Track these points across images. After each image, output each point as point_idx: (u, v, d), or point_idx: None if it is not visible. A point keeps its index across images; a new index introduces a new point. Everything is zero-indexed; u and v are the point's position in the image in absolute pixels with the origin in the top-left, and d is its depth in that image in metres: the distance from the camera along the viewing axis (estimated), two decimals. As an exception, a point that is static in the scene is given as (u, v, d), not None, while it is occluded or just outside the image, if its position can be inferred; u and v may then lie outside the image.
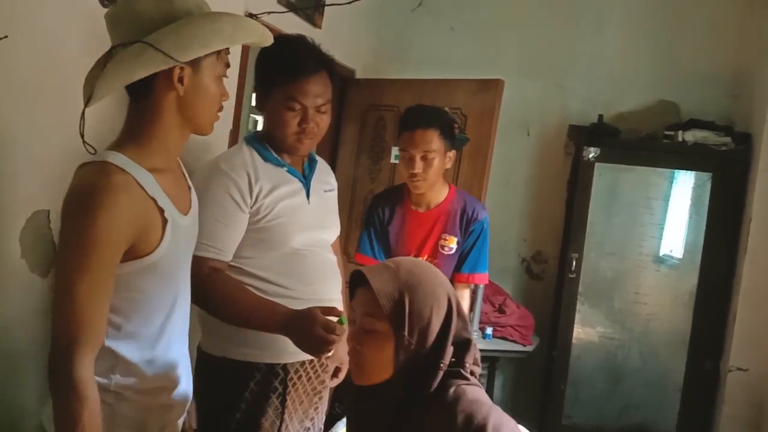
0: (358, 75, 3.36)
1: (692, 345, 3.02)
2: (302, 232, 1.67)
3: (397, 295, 1.12)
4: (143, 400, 1.24)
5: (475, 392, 1.14)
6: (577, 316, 3.19)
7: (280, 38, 1.56)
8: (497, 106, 2.87)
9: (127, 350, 1.21)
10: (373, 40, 3.51)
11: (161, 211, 1.20)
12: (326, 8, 2.94)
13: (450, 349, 1.15)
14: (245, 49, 2.47)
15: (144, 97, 1.20)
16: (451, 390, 1.12)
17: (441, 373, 1.13)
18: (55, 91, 1.76)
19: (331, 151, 3.32)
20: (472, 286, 2.36)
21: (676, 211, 3.15)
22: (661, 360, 3.12)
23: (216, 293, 1.53)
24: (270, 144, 1.67)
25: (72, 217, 1.10)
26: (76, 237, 1.09)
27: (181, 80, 1.17)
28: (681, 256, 3.13)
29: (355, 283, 1.21)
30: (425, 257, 2.19)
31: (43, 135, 1.76)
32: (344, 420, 2.00)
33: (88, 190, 1.10)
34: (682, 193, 3.15)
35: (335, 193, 1.95)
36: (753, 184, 2.84)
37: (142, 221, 1.15)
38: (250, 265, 1.61)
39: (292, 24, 2.73)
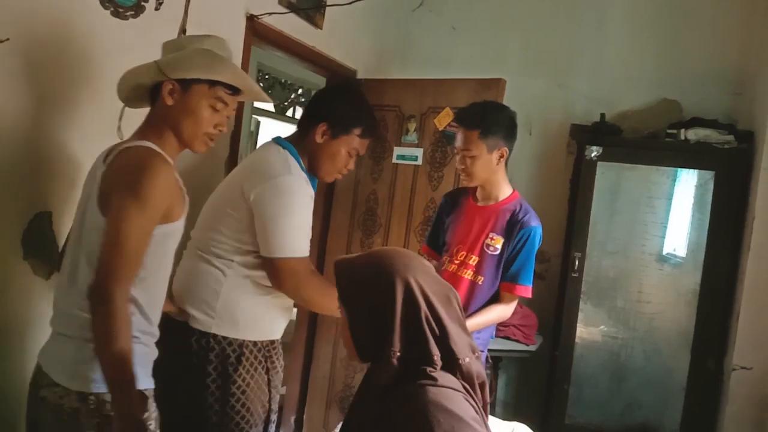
0: (360, 75, 3.36)
1: (696, 344, 3.01)
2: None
3: (344, 284, 1.24)
4: (147, 340, 1.47)
5: (438, 394, 1.13)
6: (580, 316, 3.19)
7: (364, 98, 1.98)
8: (499, 105, 2.87)
9: (143, 297, 1.42)
10: (375, 40, 3.51)
11: (182, 190, 1.50)
12: (327, 8, 2.94)
13: (398, 343, 1.16)
14: (246, 52, 2.47)
15: (153, 103, 1.50)
16: (412, 389, 1.13)
17: (393, 366, 1.15)
18: (56, 93, 1.77)
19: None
20: (517, 297, 2.19)
21: (678, 209, 3.14)
22: (664, 359, 3.12)
23: (320, 287, 1.81)
24: (302, 158, 1.91)
25: (134, 178, 1.33)
26: (135, 192, 1.31)
27: (171, 93, 1.45)
28: (684, 255, 3.12)
29: None
30: (465, 254, 2.19)
31: (45, 136, 1.76)
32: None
33: (147, 160, 1.35)
34: (685, 192, 3.14)
35: None
36: (756, 182, 2.83)
37: (175, 193, 1.44)
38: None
39: (293, 25, 2.73)
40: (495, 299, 2.18)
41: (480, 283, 2.16)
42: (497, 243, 2.16)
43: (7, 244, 1.71)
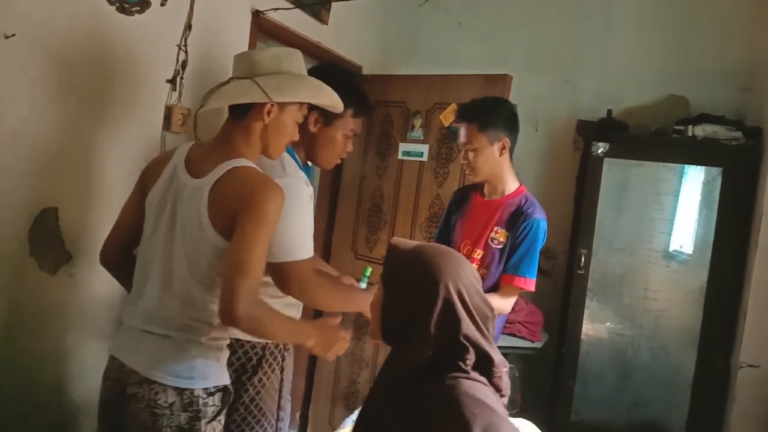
0: (365, 71, 3.35)
1: (702, 341, 3.00)
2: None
3: (391, 267, 1.27)
4: (225, 343, 1.60)
5: (472, 387, 1.16)
6: (586, 313, 3.17)
7: (348, 74, 1.91)
8: (505, 101, 2.86)
9: None
10: (380, 36, 3.50)
11: None
12: (333, 4, 2.93)
13: (431, 341, 1.18)
14: (251, 48, 2.47)
15: (240, 119, 1.54)
16: (448, 381, 1.16)
17: (423, 357, 1.19)
18: (62, 89, 1.77)
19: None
20: (517, 290, 2.15)
21: (686, 206, 3.12)
22: (671, 356, 3.10)
23: (327, 288, 1.80)
24: (306, 149, 1.91)
25: (262, 207, 1.41)
26: (265, 221, 1.41)
27: (269, 113, 1.53)
28: (691, 252, 3.11)
29: None
30: (470, 248, 2.19)
31: (51, 133, 1.76)
32: (353, 416, 2.01)
33: (269, 188, 1.45)
34: (692, 189, 3.12)
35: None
36: (764, 178, 2.81)
37: None
38: None
39: (299, 20, 2.73)
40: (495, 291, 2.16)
41: (484, 276, 2.15)
42: (501, 236, 2.15)
43: (13, 239, 1.71)
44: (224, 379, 1.53)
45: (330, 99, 1.65)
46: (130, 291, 1.62)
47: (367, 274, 2.24)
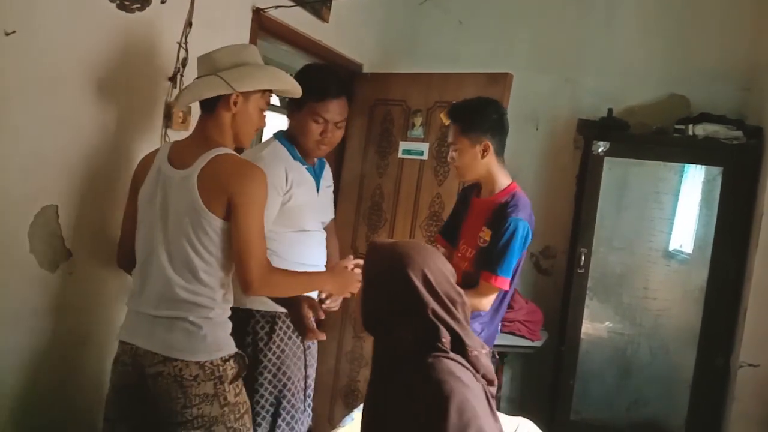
0: (366, 69, 3.35)
1: (702, 340, 3.00)
2: (312, 217, 2.13)
3: (368, 266, 1.42)
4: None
5: (450, 365, 1.28)
6: (586, 311, 3.18)
7: (313, 66, 2.06)
8: (506, 100, 2.86)
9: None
10: (381, 34, 3.49)
11: None
12: (334, 2, 2.93)
13: (408, 326, 1.32)
14: (252, 44, 2.47)
15: (210, 111, 1.69)
16: (429, 359, 1.28)
17: (403, 343, 1.32)
18: (63, 86, 1.77)
19: (338, 146, 3.30)
20: (494, 288, 2.11)
21: (686, 205, 3.12)
22: (670, 355, 3.11)
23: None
24: (295, 145, 2.12)
25: (254, 188, 1.61)
26: (259, 201, 1.62)
27: (235, 103, 1.67)
28: (691, 251, 3.11)
29: None
30: (467, 248, 2.22)
31: (51, 130, 1.76)
32: (353, 415, 2.01)
33: (257, 170, 1.63)
34: (693, 188, 3.12)
35: (332, 188, 2.40)
36: (765, 178, 2.81)
37: None
38: (270, 238, 1.87)
39: (300, 18, 2.73)
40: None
41: (473, 276, 2.15)
42: (486, 236, 2.15)
43: (13, 237, 1.71)
44: (233, 347, 1.69)
45: (288, 84, 1.79)
46: None
47: None
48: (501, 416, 1.92)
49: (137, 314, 1.67)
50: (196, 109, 2.14)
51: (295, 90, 1.82)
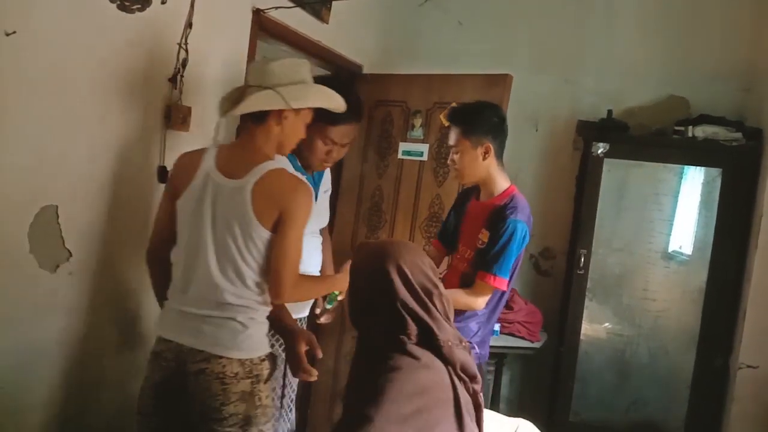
0: (366, 70, 3.35)
1: (701, 342, 3.00)
2: (309, 224, 2.08)
3: (353, 264, 1.48)
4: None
5: (407, 362, 1.30)
6: (585, 313, 3.18)
7: (333, 84, 1.99)
8: (506, 101, 2.85)
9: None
10: (381, 35, 3.50)
11: None
12: (333, 3, 2.93)
13: (379, 319, 1.35)
14: (252, 47, 2.47)
15: (260, 122, 1.77)
16: (391, 355, 1.32)
17: (373, 335, 1.38)
18: (63, 86, 1.77)
19: (338, 146, 3.31)
20: (489, 288, 2.12)
21: (685, 207, 3.13)
22: (670, 357, 3.11)
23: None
24: (297, 155, 2.13)
25: (302, 206, 1.72)
26: (304, 218, 1.73)
27: (286, 118, 1.77)
28: (690, 253, 3.11)
29: None
30: (467, 250, 2.23)
31: (52, 130, 1.76)
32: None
33: (305, 189, 1.75)
34: (692, 189, 3.12)
35: (329, 193, 2.46)
36: (764, 179, 2.81)
37: None
38: None
39: (299, 19, 2.73)
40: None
41: (471, 277, 2.16)
42: (485, 237, 2.16)
43: (13, 237, 1.71)
44: (268, 346, 1.79)
45: (338, 103, 1.90)
46: (158, 289, 1.85)
47: (335, 296, 2.24)
48: (500, 417, 1.92)
49: (180, 312, 1.73)
50: (196, 110, 2.16)
51: (341, 107, 1.93)
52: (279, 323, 1.87)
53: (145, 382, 1.76)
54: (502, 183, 2.22)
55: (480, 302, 2.14)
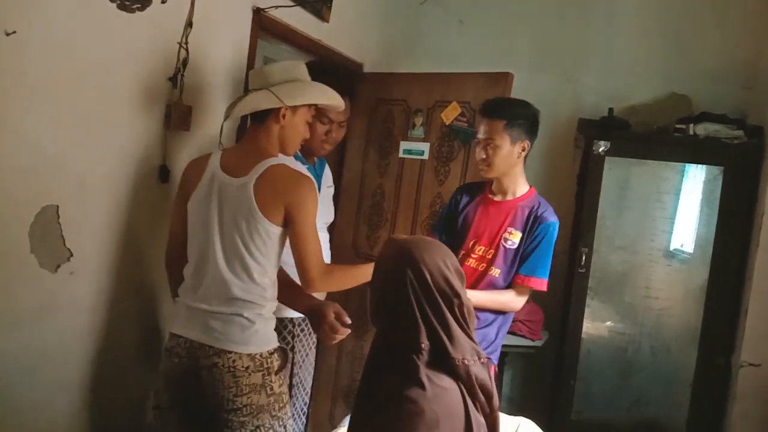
0: (366, 69, 3.34)
1: (703, 340, 3.00)
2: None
3: (377, 260, 1.41)
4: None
5: (412, 393, 1.22)
6: (587, 311, 3.17)
7: (316, 66, 2.05)
8: (506, 99, 2.85)
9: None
10: (382, 34, 3.49)
11: None
12: (334, 2, 2.93)
13: (392, 324, 1.31)
14: (253, 46, 2.47)
15: (261, 122, 1.85)
16: (400, 365, 1.26)
17: (383, 342, 1.33)
18: (64, 86, 1.77)
19: (339, 145, 3.30)
20: (529, 290, 2.22)
21: (687, 205, 3.12)
22: (671, 355, 3.10)
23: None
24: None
25: (308, 197, 1.77)
26: (314, 209, 1.79)
27: (284, 116, 1.83)
28: (692, 251, 3.10)
29: None
30: (484, 248, 2.23)
31: (52, 130, 1.76)
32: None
33: (309, 181, 1.80)
34: (694, 187, 3.12)
35: (332, 190, 2.51)
36: (765, 177, 2.81)
37: None
38: None
39: (300, 18, 2.72)
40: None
41: (496, 275, 2.20)
42: (515, 237, 2.19)
43: (14, 237, 1.71)
44: (277, 341, 1.86)
45: (334, 99, 1.94)
46: (174, 293, 1.91)
47: None
48: (501, 416, 1.92)
49: (191, 309, 1.81)
50: (197, 110, 2.16)
51: (339, 104, 1.99)
52: (304, 307, 1.97)
53: (161, 377, 1.84)
54: (524, 184, 2.28)
55: (520, 304, 2.22)
